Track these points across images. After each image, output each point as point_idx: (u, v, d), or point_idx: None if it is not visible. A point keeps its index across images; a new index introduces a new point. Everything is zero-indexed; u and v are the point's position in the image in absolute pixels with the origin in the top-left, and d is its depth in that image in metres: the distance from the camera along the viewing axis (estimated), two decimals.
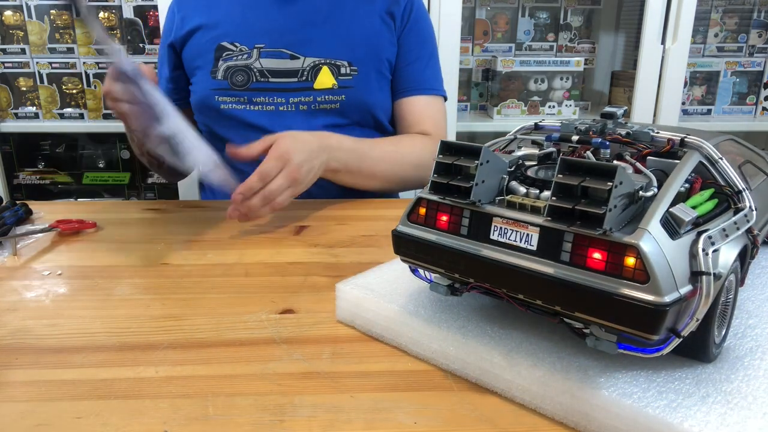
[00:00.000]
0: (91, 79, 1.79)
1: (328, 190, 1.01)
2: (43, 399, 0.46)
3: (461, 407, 0.44)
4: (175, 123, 0.76)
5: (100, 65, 1.79)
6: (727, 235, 0.43)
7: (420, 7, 1.14)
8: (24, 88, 1.82)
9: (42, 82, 1.79)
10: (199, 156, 0.79)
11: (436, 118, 1.13)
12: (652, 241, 0.38)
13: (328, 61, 1.05)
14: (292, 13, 1.07)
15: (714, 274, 0.40)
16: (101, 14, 1.76)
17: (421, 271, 0.54)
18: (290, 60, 1.05)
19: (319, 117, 1.06)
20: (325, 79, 1.05)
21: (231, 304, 0.61)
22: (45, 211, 0.91)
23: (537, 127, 0.57)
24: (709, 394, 0.40)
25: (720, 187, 0.47)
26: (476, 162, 0.45)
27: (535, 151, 0.54)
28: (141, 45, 1.78)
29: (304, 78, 1.05)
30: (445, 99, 1.17)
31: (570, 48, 1.95)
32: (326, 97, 1.06)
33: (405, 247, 0.50)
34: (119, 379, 0.48)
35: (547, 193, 0.44)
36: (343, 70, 1.06)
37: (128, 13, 1.76)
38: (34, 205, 0.92)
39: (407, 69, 1.11)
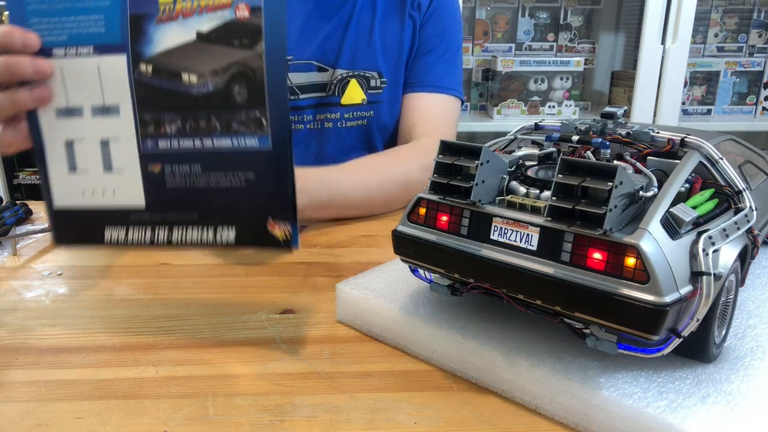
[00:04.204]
0: None
1: None
2: (43, 399, 0.45)
3: (461, 407, 0.44)
4: None
5: None
6: (727, 235, 0.43)
7: None
8: None
9: None
10: None
11: (438, 120, 1.00)
12: (653, 241, 0.38)
13: (357, 73, 0.96)
14: (319, 18, 0.96)
15: (714, 274, 0.40)
16: None
17: (421, 271, 0.54)
18: (318, 73, 0.96)
19: (344, 136, 0.99)
20: (353, 94, 0.97)
21: (231, 304, 0.61)
22: (45, 211, 0.91)
23: (537, 127, 0.57)
24: (709, 395, 0.40)
25: (720, 187, 0.47)
26: (476, 162, 0.45)
27: (536, 151, 0.54)
28: None
29: (331, 92, 0.96)
30: (462, 101, 1.05)
31: (570, 48, 1.95)
32: (354, 113, 0.97)
33: (405, 247, 0.50)
34: (119, 379, 0.48)
35: (547, 193, 0.44)
36: (372, 83, 0.97)
37: None
38: (34, 205, 0.92)
39: (417, 62, 1.00)
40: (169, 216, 0.53)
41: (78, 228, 0.55)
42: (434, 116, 1.01)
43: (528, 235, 0.43)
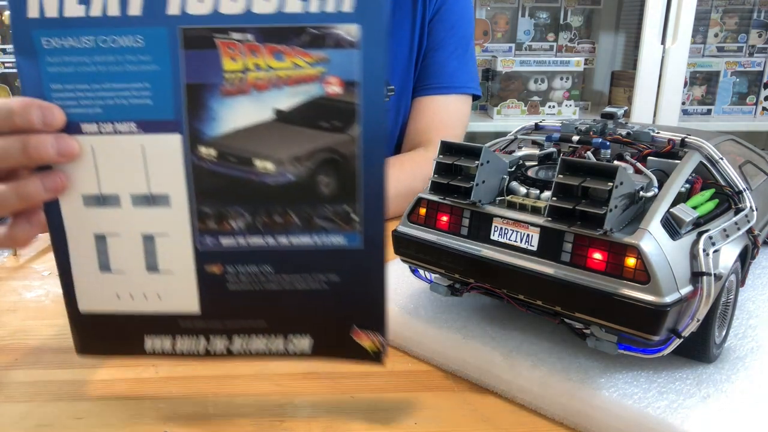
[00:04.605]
0: None
1: None
2: (43, 399, 0.45)
3: (461, 407, 0.44)
4: None
5: None
6: (727, 236, 0.43)
7: None
8: None
9: None
10: None
11: (447, 125, 0.95)
12: (653, 241, 0.38)
13: None
14: None
15: (714, 274, 0.40)
16: None
17: (421, 271, 0.54)
18: None
19: None
20: None
21: None
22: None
23: (537, 128, 0.57)
24: (709, 395, 0.40)
25: (720, 188, 0.47)
26: (477, 162, 0.45)
27: (536, 151, 0.54)
28: None
29: None
30: (476, 97, 1.00)
31: (570, 48, 1.95)
32: None
33: (405, 247, 0.50)
34: (119, 379, 0.48)
35: (547, 194, 0.44)
36: None
37: None
38: None
39: (428, 60, 0.96)
40: (230, 323, 0.43)
41: (110, 336, 0.45)
42: (443, 121, 0.96)
43: (528, 235, 0.43)
